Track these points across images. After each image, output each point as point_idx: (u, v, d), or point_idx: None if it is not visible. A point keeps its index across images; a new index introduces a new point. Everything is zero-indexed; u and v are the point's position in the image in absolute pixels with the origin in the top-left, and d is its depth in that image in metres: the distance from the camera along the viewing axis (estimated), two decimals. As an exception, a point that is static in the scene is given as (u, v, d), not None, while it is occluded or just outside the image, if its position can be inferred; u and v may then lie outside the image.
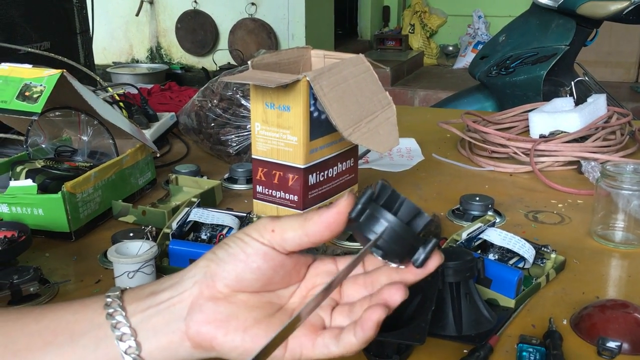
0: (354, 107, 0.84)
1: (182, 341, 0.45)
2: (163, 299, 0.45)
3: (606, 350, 0.60)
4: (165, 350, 0.45)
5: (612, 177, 0.85)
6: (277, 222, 0.45)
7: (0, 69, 0.89)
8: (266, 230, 0.45)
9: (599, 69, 3.83)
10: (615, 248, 0.85)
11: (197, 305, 0.45)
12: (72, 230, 0.86)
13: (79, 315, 0.45)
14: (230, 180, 1.09)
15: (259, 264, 0.45)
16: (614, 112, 1.28)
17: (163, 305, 0.45)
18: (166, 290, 0.46)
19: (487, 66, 2.16)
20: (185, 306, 0.45)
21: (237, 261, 0.45)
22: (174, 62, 4.71)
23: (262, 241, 0.45)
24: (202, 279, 0.45)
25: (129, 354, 0.44)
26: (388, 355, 0.60)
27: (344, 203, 0.44)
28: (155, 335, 0.45)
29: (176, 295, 0.45)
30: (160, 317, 0.45)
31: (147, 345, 0.44)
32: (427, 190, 1.07)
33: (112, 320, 0.44)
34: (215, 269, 0.45)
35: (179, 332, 0.44)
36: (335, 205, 0.45)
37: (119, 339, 0.44)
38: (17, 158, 0.98)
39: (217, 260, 0.45)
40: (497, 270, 0.69)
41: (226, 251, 0.46)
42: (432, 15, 5.37)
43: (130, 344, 0.44)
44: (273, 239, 0.45)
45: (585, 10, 1.93)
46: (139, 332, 0.44)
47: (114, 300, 0.45)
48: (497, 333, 0.64)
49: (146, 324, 0.45)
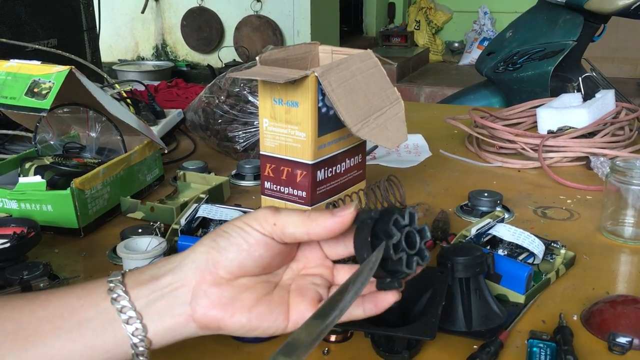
0: (362, 103, 0.83)
1: (188, 323, 0.47)
2: (165, 284, 0.47)
3: (617, 345, 0.60)
4: (172, 331, 0.47)
5: (622, 172, 0.84)
6: (278, 216, 0.47)
7: (9, 66, 0.89)
8: (267, 222, 0.47)
9: (605, 65, 3.81)
10: (624, 244, 0.85)
11: (201, 291, 0.46)
12: (81, 227, 0.86)
13: (83, 300, 0.46)
14: (237, 177, 1.09)
15: (261, 252, 0.47)
16: (623, 108, 1.27)
17: (166, 290, 0.46)
18: (166, 274, 0.47)
19: (494, 62, 2.15)
20: (188, 290, 0.46)
21: (240, 250, 0.46)
22: (180, 59, 4.71)
23: (263, 232, 0.47)
24: (204, 265, 0.47)
25: (136, 335, 0.45)
26: (398, 351, 0.60)
27: (349, 214, 0.46)
28: (160, 318, 0.46)
29: (178, 280, 0.47)
30: (165, 301, 0.46)
31: (152, 327, 0.46)
32: (435, 187, 1.07)
33: (117, 304, 0.46)
34: (217, 257, 0.46)
35: (185, 315, 0.46)
36: (341, 214, 0.46)
37: (126, 322, 0.45)
38: (26, 155, 0.98)
39: (218, 248, 0.47)
40: (507, 266, 0.69)
41: (228, 240, 0.47)
42: (438, 11, 5.34)
43: (137, 326, 0.45)
44: (274, 232, 0.47)
45: (593, 5, 1.92)
46: (144, 316, 0.46)
47: (116, 285, 0.46)
48: (507, 329, 0.64)
49: (151, 307, 0.46)
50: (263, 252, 0.47)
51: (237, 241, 0.46)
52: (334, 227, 0.46)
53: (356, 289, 0.46)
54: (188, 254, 0.48)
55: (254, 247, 0.47)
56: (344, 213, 0.46)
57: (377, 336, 0.61)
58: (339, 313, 0.45)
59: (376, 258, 0.45)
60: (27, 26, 1.47)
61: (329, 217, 0.46)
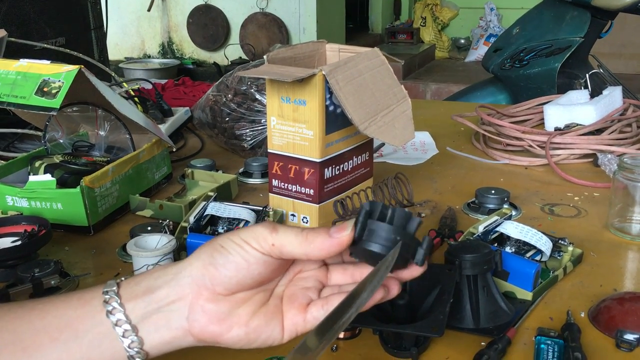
0: (369, 101, 0.84)
1: (185, 336, 0.47)
2: (161, 297, 0.47)
3: (625, 342, 0.60)
4: (169, 344, 0.47)
5: (630, 169, 0.84)
6: (276, 236, 0.46)
7: (19, 65, 0.89)
8: (266, 242, 0.46)
9: (612, 61, 3.78)
10: (632, 241, 0.85)
11: (197, 306, 0.46)
12: (91, 224, 0.87)
13: (79, 311, 0.46)
14: (245, 175, 1.10)
15: (260, 270, 0.47)
16: (630, 105, 1.26)
17: (162, 303, 0.46)
18: (162, 287, 0.47)
19: (501, 59, 2.14)
20: (185, 305, 0.46)
21: (240, 269, 0.46)
22: (186, 57, 4.72)
23: (262, 251, 0.46)
24: (200, 281, 0.46)
25: (132, 348, 0.46)
26: (406, 348, 0.60)
27: (346, 236, 0.46)
28: (157, 330, 0.46)
29: (174, 293, 0.47)
30: (161, 315, 0.46)
31: (149, 339, 0.46)
32: (442, 184, 1.07)
33: (113, 317, 0.46)
34: (214, 274, 0.46)
35: (182, 329, 0.46)
36: (338, 236, 0.46)
37: (122, 336, 0.46)
38: (36, 153, 0.99)
39: (216, 264, 0.46)
40: (515, 263, 0.69)
41: (226, 257, 0.46)
42: (444, 8, 5.33)
43: (132, 339, 0.46)
44: (272, 251, 0.46)
45: (601, 1, 1.91)
46: (140, 329, 0.46)
47: (111, 297, 0.46)
48: (514, 325, 0.64)
49: (147, 321, 0.46)
50: (262, 270, 0.47)
51: (236, 259, 0.46)
52: (331, 249, 0.46)
53: (372, 287, 0.46)
54: (185, 266, 0.47)
55: (253, 265, 0.46)
56: (340, 235, 0.46)
57: (385, 333, 0.62)
58: (355, 310, 0.45)
59: (392, 257, 0.46)
60: (35, 25, 1.48)
61: (326, 238, 0.46)
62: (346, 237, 0.46)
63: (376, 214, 0.47)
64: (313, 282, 0.50)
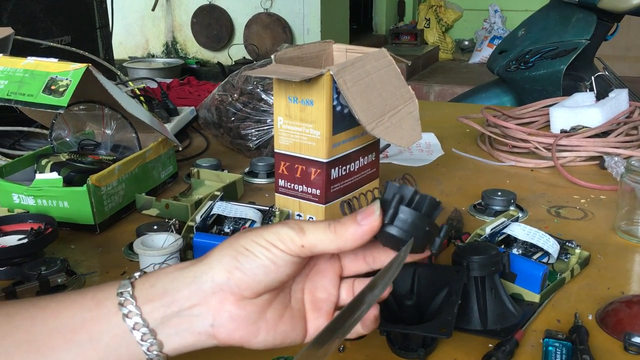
0: (377, 101, 0.84)
1: (209, 340, 0.46)
2: (181, 301, 0.45)
3: (633, 345, 0.60)
4: (191, 346, 0.46)
5: (638, 172, 0.84)
6: (304, 237, 0.45)
7: (26, 63, 0.89)
8: (294, 244, 0.45)
9: (617, 64, 3.78)
10: (639, 244, 0.84)
11: (224, 312, 0.45)
12: (97, 223, 0.87)
13: (93, 313, 0.45)
14: (250, 174, 1.10)
15: (288, 272, 0.46)
16: (636, 107, 1.26)
17: (183, 307, 0.45)
18: (181, 289, 0.45)
19: (506, 61, 2.14)
20: (208, 310, 0.45)
21: (268, 272, 0.45)
22: (190, 56, 4.73)
23: (290, 253, 0.45)
24: (226, 286, 0.45)
25: (151, 351, 0.44)
26: (413, 349, 0.60)
27: (376, 222, 0.45)
28: (178, 334, 0.45)
29: (195, 297, 0.45)
30: (182, 319, 0.45)
31: (170, 342, 0.45)
32: (447, 185, 1.07)
33: (129, 320, 0.44)
34: (242, 278, 0.45)
35: (206, 334, 0.45)
36: (367, 222, 0.45)
37: (140, 339, 0.44)
38: (42, 151, 0.99)
39: (243, 269, 0.45)
40: (522, 265, 0.69)
41: (254, 262, 0.45)
42: (448, 9, 5.33)
43: (151, 342, 0.44)
44: (301, 252, 0.45)
45: (607, 4, 1.91)
46: (158, 332, 0.45)
47: (127, 299, 0.45)
48: (522, 327, 0.64)
49: (166, 324, 0.45)
50: (290, 271, 0.46)
51: (265, 263, 0.45)
52: (364, 238, 0.46)
53: (384, 284, 0.46)
54: (204, 269, 0.45)
55: (282, 268, 0.45)
56: (369, 221, 0.45)
57: (392, 334, 0.62)
58: (366, 307, 0.45)
59: (404, 254, 0.46)
60: (41, 23, 1.49)
61: (357, 228, 0.45)
62: (376, 222, 0.46)
63: (406, 200, 0.47)
64: (331, 278, 0.50)
